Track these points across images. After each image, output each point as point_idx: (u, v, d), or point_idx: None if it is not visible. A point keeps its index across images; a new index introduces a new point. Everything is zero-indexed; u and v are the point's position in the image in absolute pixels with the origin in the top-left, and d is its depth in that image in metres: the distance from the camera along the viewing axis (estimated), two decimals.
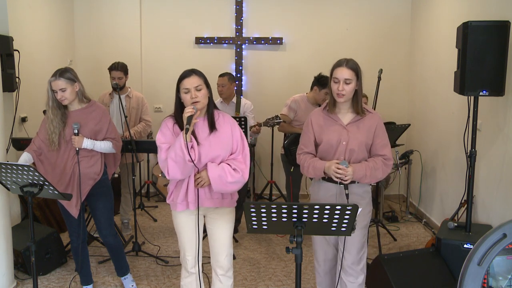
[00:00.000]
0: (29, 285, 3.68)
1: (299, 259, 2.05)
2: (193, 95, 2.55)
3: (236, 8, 5.92)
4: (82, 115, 3.18)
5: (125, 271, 3.58)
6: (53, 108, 3.11)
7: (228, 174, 2.56)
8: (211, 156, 2.60)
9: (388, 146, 2.73)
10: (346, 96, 2.65)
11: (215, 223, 2.76)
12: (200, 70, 2.66)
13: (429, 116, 5.23)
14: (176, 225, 2.78)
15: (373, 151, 2.71)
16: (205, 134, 2.63)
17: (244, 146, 2.68)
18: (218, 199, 2.69)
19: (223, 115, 2.71)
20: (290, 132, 4.60)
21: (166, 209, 5.65)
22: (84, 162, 3.16)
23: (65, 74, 3.08)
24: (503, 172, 3.57)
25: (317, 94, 4.53)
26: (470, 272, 1.62)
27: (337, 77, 2.64)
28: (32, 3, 4.86)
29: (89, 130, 3.18)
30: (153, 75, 6.05)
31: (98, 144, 3.20)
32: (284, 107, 4.65)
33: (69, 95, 3.10)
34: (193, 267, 2.78)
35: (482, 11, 3.92)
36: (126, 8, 5.91)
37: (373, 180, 2.66)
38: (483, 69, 3.30)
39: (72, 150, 3.14)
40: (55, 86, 3.06)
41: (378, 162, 2.66)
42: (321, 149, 2.74)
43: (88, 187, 3.20)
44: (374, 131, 2.70)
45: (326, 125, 2.74)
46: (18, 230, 3.94)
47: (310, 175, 2.73)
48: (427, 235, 4.80)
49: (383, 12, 5.90)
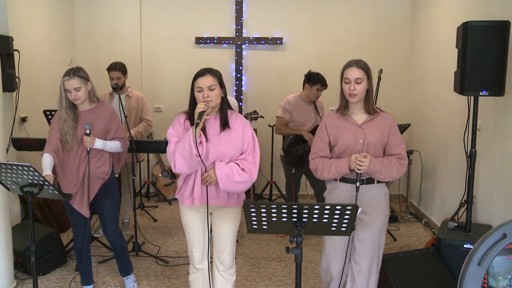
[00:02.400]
0: (29, 285, 3.68)
1: (299, 259, 2.05)
2: (205, 95, 2.58)
3: (236, 8, 5.92)
4: (93, 115, 3.18)
5: (128, 271, 3.59)
6: (66, 108, 3.10)
7: (236, 174, 2.57)
8: (219, 153, 2.61)
9: (402, 145, 2.72)
10: (358, 96, 2.66)
11: (220, 221, 2.77)
12: (215, 69, 2.67)
13: (429, 116, 5.23)
14: (183, 220, 2.81)
15: (387, 150, 2.71)
16: (216, 131, 2.65)
17: (255, 146, 2.69)
18: (224, 198, 2.70)
19: (236, 115, 2.73)
20: (288, 134, 4.59)
21: (166, 209, 5.65)
22: (93, 162, 3.17)
23: (79, 73, 3.08)
24: (503, 172, 3.57)
25: (309, 91, 4.53)
26: (470, 272, 1.63)
27: (348, 77, 2.65)
28: (32, 3, 4.86)
29: (100, 130, 3.19)
30: (153, 75, 6.04)
31: (109, 144, 3.22)
32: (279, 109, 4.64)
33: (83, 95, 3.10)
34: (199, 264, 2.80)
35: (482, 11, 3.92)
36: (126, 8, 5.91)
37: (387, 177, 2.65)
38: (483, 69, 3.30)
39: (83, 150, 3.15)
40: (69, 86, 3.05)
41: (392, 160, 2.66)
42: (337, 150, 2.72)
43: (97, 186, 3.21)
44: (389, 130, 2.70)
45: (341, 126, 2.73)
46: (18, 230, 3.94)
47: (330, 175, 2.69)
48: (427, 235, 4.80)
49: (383, 12, 5.90)
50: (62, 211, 4.80)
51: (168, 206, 5.78)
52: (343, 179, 2.72)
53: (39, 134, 4.65)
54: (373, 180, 2.69)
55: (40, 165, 3.03)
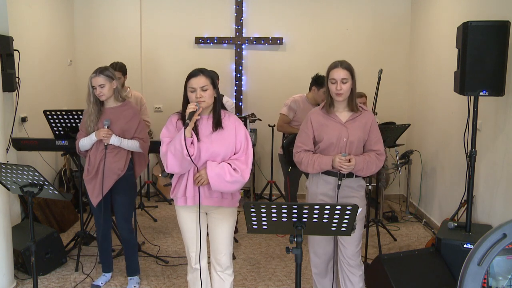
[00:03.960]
0: (29, 285, 3.68)
1: (299, 259, 2.05)
2: (198, 95, 2.61)
3: (236, 8, 5.92)
4: (115, 113, 3.38)
5: (133, 272, 3.64)
6: (93, 103, 3.34)
7: (227, 173, 2.58)
8: (210, 153, 2.63)
9: (380, 142, 2.91)
10: (344, 95, 2.81)
11: (216, 221, 2.78)
12: (208, 70, 2.71)
13: (429, 116, 5.23)
14: (178, 220, 2.83)
15: (367, 146, 2.89)
16: (208, 131, 2.67)
17: (248, 146, 2.70)
18: (218, 198, 2.71)
19: (229, 115, 2.75)
20: (289, 132, 4.59)
21: (166, 209, 5.66)
22: (109, 158, 3.34)
23: (105, 71, 3.31)
24: (503, 172, 3.57)
25: (316, 94, 4.54)
26: (470, 272, 1.62)
27: (334, 78, 2.79)
28: (32, 3, 4.86)
29: (119, 128, 3.37)
30: (153, 75, 6.05)
31: (125, 142, 3.37)
32: (284, 107, 4.65)
33: (107, 92, 3.31)
34: (196, 263, 2.81)
35: (482, 11, 3.92)
36: (126, 8, 5.91)
37: (367, 173, 2.82)
38: (483, 69, 3.30)
39: (101, 144, 3.34)
40: (95, 82, 3.28)
41: (372, 156, 2.83)
42: (322, 146, 2.86)
43: (111, 181, 3.36)
44: (370, 128, 2.87)
45: (325, 123, 2.87)
46: (18, 230, 3.94)
47: (314, 170, 2.84)
48: (427, 235, 4.80)
49: (383, 12, 5.90)
50: (62, 211, 4.81)
51: (168, 206, 5.78)
52: (326, 172, 2.87)
53: (39, 134, 4.65)
54: (352, 174, 2.85)
55: (40, 165, 3.05)
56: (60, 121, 3.87)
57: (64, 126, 3.89)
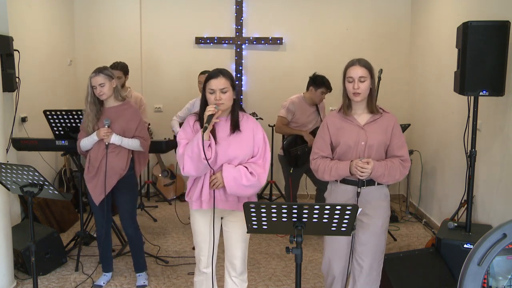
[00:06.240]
0: (29, 285, 3.68)
1: (299, 259, 2.05)
2: (217, 97, 2.52)
3: (236, 8, 5.92)
4: (115, 112, 3.41)
5: (141, 268, 3.69)
6: (90, 103, 3.36)
7: (244, 177, 2.51)
8: (228, 156, 2.56)
9: (405, 147, 2.69)
10: (362, 95, 2.61)
11: (231, 225, 2.71)
12: (228, 71, 2.62)
13: (429, 116, 5.23)
14: (192, 223, 2.77)
15: (390, 152, 2.67)
16: (225, 134, 2.60)
17: (266, 150, 2.63)
18: (234, 201, 2.64)
19: (247, 118, 2.68)
20: (288, 134, 4.59)
21: (166, 209, 5.65)
22: (111, 157, 3.35)
23: (104, 71, 3.34)
24: (503, 172, 3.57)
25: (313, 94, 4.54)
26: (470, 272, 1.62)
27: (352, 76, 2.60)
28: (32, 3, 4.86)
29: (119, 127, 3.38)
30: (153, 75, 6.04)
31: (126, 141, 3.39)
32: (282, 109, 4.63)
33: (107, 90, 3.33)
34: (205, 268, 2.75)
35: (482, 11, 3.92)
36: (126, 8, 5.91)
37: (390, 180, 2.62)
38: (483, 69, 3.30)
39: (102, 143, 3.35)
40: (95, 82, 3.30)
41: (395, 162, 2.62)
42: (339, 151, 2.68)
43: (114, 180, 3.39)
44: (392, 131, 2.66)
45: (342, 127, 2.68)
46: (18, 230, 3.94)
47: (331, 177, 2.67)
48: (427, 235, 4.80)
49: (383, 12, 5.90)
50: (62, 211, 4.81)
51: (168, 206, 5.78)
52: (344, 181, 2.68)
53: (39, 134, 4.65)
54: (373, 182, 2.65)
55: (40, 165, 3.05)
56: (60, 121, 3.87)
57: (64, 126, 3.89)
